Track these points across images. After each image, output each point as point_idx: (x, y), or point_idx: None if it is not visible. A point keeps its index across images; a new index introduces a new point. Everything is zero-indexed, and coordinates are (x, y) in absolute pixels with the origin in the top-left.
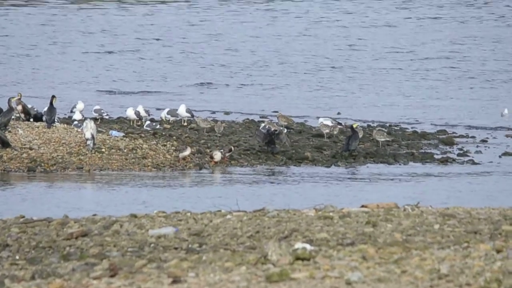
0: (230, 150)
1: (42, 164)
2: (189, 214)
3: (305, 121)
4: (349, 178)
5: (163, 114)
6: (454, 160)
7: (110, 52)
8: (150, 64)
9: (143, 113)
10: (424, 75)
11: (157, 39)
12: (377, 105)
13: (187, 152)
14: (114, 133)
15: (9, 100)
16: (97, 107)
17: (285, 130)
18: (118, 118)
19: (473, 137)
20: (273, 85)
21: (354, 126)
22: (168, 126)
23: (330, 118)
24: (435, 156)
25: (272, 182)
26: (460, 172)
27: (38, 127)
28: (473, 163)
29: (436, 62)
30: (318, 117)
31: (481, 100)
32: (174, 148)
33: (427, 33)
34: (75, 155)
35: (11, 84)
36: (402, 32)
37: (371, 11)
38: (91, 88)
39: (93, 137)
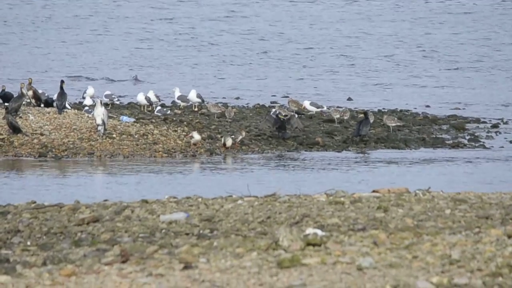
0: (242, 142)
1: (53, 150)
2: (200, 199)
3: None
4: (360, 163)
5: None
6: (465, 145)
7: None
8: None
9: (153, 99)
10: (436, 61)
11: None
12: (388, 91)
13: (198, 137)
14: (124, 118)
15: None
16: (107, 92)
17: (296, 115)
18: (129, 103)
19: (484, 122)
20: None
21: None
22: (179, 112)
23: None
24: (446, 141)
25: (283, 168)
26: (471, 157)
27: (49, 113)
28: (484, 148)
29: (448, 48)
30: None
31: (493, 85)
32: (185, 133)
33: (441, 20)
34: (86, 140)
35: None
36: (418, 19)
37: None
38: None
39: (104, 123)
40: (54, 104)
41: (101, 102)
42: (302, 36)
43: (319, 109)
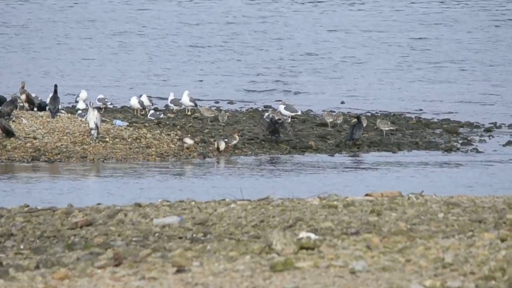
0: (235, 146)
1: (46, 154)
2: (193, 203)
3: (309, 110)
4: (353, 167)
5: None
6: (458, 149)
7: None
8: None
9: (146, 102)
10: (429, 64)
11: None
12: (381, 94)
13: (191, 141)
14: (118, 122)
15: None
16: (100, 96)
17: (289, 119)
18: (122, 107)
19: (477, 126)
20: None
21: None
22: (172, 116)
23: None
24: (439, 145)
25: (276, 171)
26: (464, 161)
27: (42, 117)
28: (477, 152)
29: (441, 52)
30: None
31: (486, 89)
32: (178, 137)
33: (434, 22)
34: (79, 144)
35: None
36: (413, 21)
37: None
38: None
39: (97, 127)
40: (47, 108)
41: (92, 109)
42: (297, 39)
43: (293, 113)
